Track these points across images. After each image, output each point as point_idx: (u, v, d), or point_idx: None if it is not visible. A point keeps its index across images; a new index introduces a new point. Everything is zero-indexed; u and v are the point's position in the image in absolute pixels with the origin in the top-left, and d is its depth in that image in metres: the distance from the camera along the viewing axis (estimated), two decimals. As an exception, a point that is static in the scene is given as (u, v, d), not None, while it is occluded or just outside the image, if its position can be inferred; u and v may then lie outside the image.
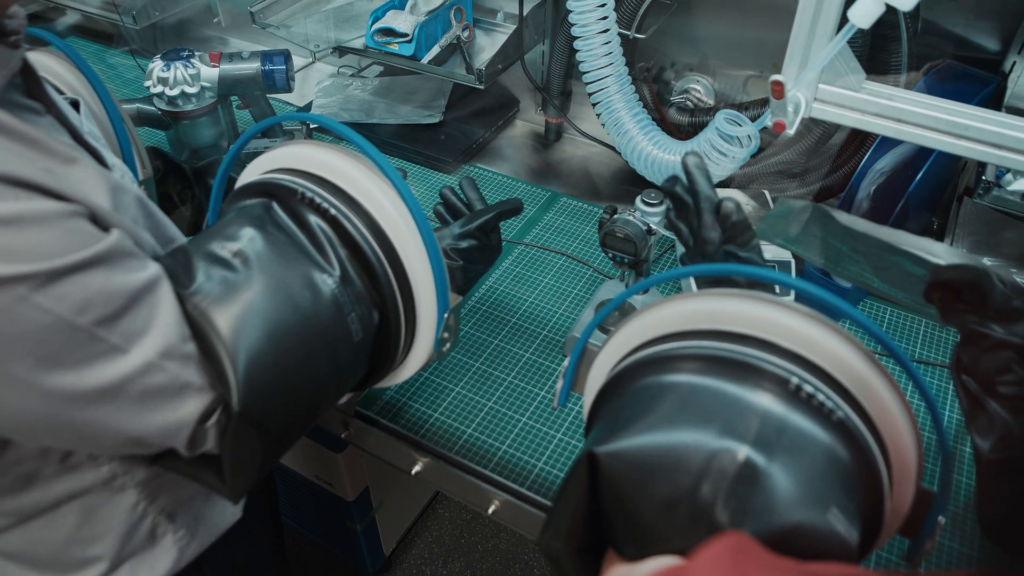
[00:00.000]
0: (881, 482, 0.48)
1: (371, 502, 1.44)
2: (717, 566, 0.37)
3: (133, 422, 0.51)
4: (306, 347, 0.57)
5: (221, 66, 1.20)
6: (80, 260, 0.47)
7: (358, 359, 0.63)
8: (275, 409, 0.56)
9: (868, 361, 0.48)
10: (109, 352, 0.49)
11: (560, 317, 1.08)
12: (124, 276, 0.50)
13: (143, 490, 0.65)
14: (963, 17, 1.05)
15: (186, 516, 0.70)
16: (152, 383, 0.51)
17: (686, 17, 1.22)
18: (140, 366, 0.50)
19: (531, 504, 0.86)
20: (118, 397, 0.50)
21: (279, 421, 0.57)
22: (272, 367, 0.55)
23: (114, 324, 0.49)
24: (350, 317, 0.60)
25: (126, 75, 1.64)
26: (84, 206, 0.50)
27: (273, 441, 0.58)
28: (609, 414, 0.52)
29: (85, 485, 0.62)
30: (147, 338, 0.50)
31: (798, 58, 0.78)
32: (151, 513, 0.67)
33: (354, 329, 0.60)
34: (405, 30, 1.20)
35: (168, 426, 0.53)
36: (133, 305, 0.50)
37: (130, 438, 0.53)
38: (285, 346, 0.55)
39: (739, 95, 1.25)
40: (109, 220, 0.52)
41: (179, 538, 0.69)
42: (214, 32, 1.72)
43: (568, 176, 1.38)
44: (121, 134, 0.77)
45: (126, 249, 0.51)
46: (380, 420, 0.94)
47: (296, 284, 0.57)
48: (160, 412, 0.52)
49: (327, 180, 0.63)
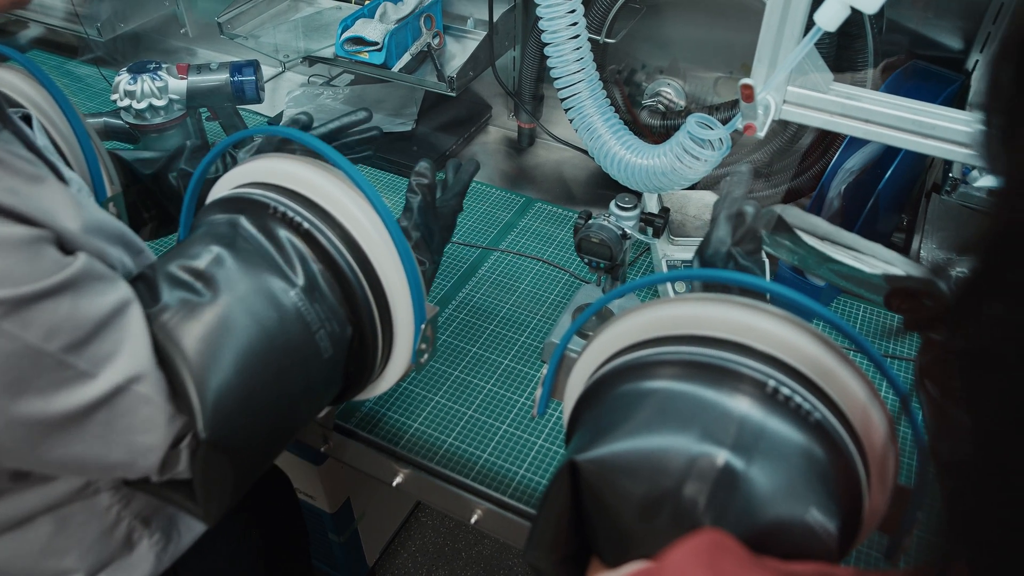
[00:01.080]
0: (859, 481, 0.48)
1: (353, 513, 1.43)
2: (692, 562, 0.37)
3: (101, 447, 0.51)
4: (274, 367, 0.56)
5: (189, 78, 1.19)
6: (46, 287, 0.47)
7: (330, 376, 0.62)
8: (245, 432, 0.55)
9: (842, 361, 0.48)
10: (77, 378, 0.48)
11: (538, 323, 1.08)
12: (91, 300, 0.49)
13: (117, 494, 0.64)
14: (926, 16, 1.07)
15: (162, 520, 0.69)
16: (120, 408, 0.50)
17: (655, 21, 1.22)
18: (108, 391, 0.49)
19: (514, 512, 0.86)
20: (86, 423, 0.49)
21: (250, 443, 0.56)
22: (239, 389, 0.54)
23: (82, 350, 0.48)
24: (318, 335, 0.59)
25: (91, 88, 1.61)
26: (50, 230, 0.49)
27: (245, 463, 0.57)
28: (589, 421, 0.52)
29: (58, 496, 0.61)
30: (116, 362, 0.50)
31: (766, 61, 0.79)
32: (126, 518, 0.66)
33: (323, 347, 0.59)
34: (375, 38, 1.19)
35: (137, 451, 0.52)
36: (101, 330, 0.49)
37: (98, 463, 0.52)
38: (252, 367, 0.54)
39: (709, 96, 1.26)
40: (76, 242, 0.51)
41: (155, 542, 0.68)
42: (181, 43, 1.70)
43: (542, 181, 1.38)
44: (87, 150, 0.76)
45: (94, 272, 0.51)
46: (359, 432, 0.93)
47: (262, 303, 0.56)
48: (129, 437, 0.51)
49: (299, 194, 0.62)
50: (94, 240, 0.53)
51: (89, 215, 0.54)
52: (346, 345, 0.62)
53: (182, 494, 0.56)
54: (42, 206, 0.49)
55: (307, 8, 1.42)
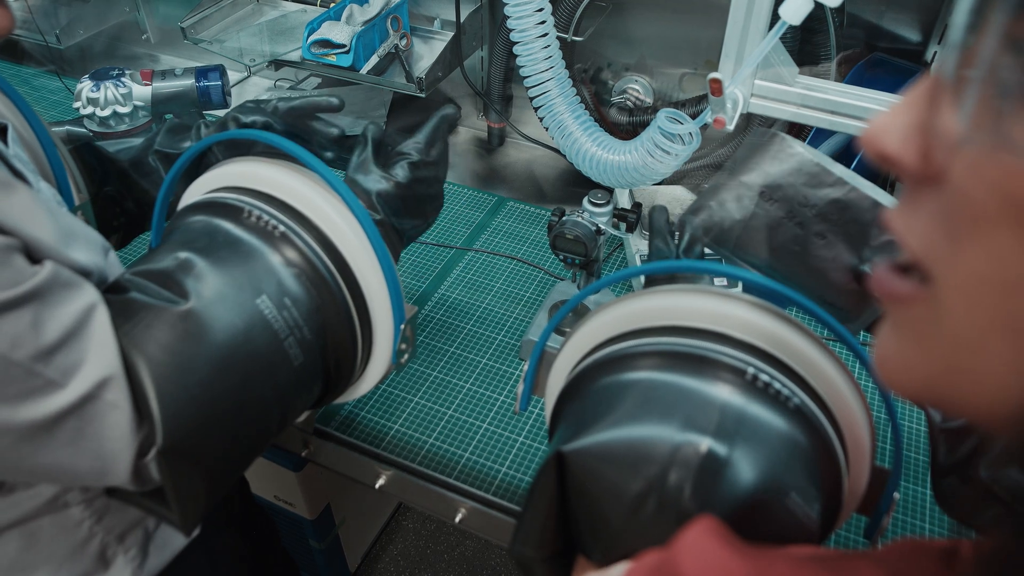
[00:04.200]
0: (839, 463, 0.49)
1: (333, 519, 1.42)
2: (708, 539, 0.38)
3: (71, 456, 0.50)
4: (238, 375, 0.55)
5: (154, 84, 1.17)
6: (12, 297, 0.46)
7: (302, 382, 0.61)
8: (209, 439, 0.54)
9: (818, 346, 0.49)
10: (45, 387, 0.48)
11: (514, 321, 1.08)
12: (58, 309, 0.49)
13: (88, 509, 0.63)
14: (880, 9, 1.09)
15: (138, 536, 0.68)
16: (89, 415, 0.49)
17: (621, 18, 1.24)
18: (77, 399, 0.49)
19: (498, 510, 0.86)
20: (55, 432, 0.49)
21: (216, 451, 0.55)
22: (200, 397, 0.53)
23: (49, 359, 0.48)
24: (287, 342, 0.58)
25: (51, 96, 1.58)
26: (18, 239, 0.49)
27: (213, 471, 0.56)
28: (571, 416, 0.52)
29: (25, 510, 0.60)
30: (83, 370, 0.49)
31: (733, 55, 0.80)
32: (98, 533, 0.65)
33: (292, 354, 0.58)
34: (342, 41, 1.19)
35: (106, 458, 0.51)
36: (69, 338, 0.49)
37: (68, 472, 0.51)
38: (215, 374, 0.54)
39: (676, 92, 1.27)
40: (45, 251, 0.50)
41: (131, 559, 0.67)
42: (144, 49, 1.67)
43: (514, 180, 1.39)
44: (53, 158, 0.75)
45: (60, 280, 0.50)
46: (340, 435, 0.93)
47: (228, 310, 0.56)
48: (98, 444, 0.50)
49: (274, 196, 0.61)
50: (65, 248, 0.53)
51: (60, 222, 0.53)
52: (320, 351, 0.61)
53: (161, 503, 0.56)
54: (11, 214, 0.48)
55: (272, 12, 1.40)
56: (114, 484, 0.54)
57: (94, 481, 0.53)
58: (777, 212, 0.67)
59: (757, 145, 0.68)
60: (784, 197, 0.67)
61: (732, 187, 0.69)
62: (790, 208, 0.67)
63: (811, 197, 0.66)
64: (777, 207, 0.67)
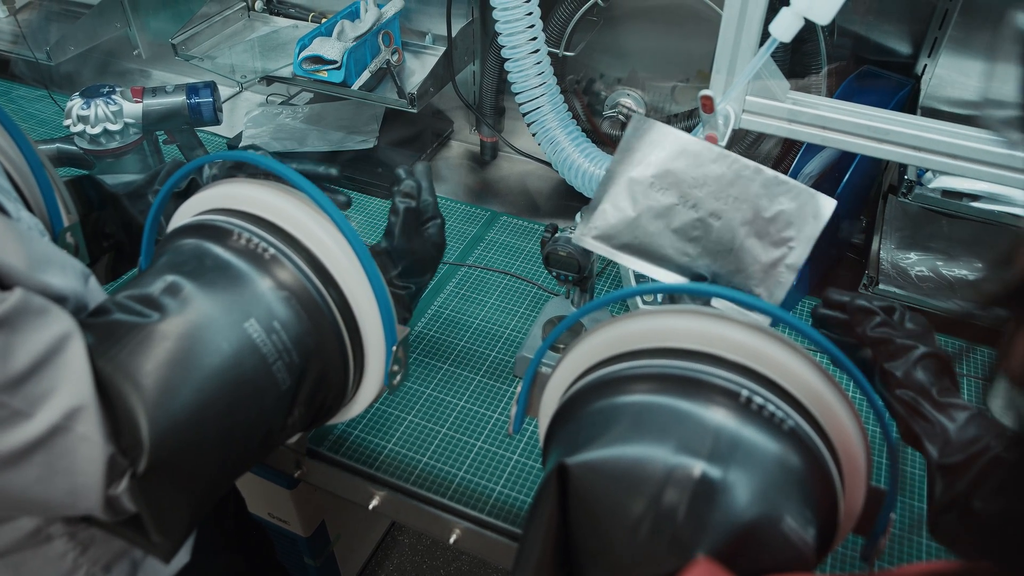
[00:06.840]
0: (834, 485, 0.49)
1: (328, 536, 1.41)
2: None
3: (40, 487, 0.49)
4: (225, 399, 0.54)
5: (145, 101, 1.17)
6: None
7: (290, 407, 0.61)
8: (193, 463, 0.53)
9: (811, 366, 0.49)
10: (12, 417, 0.47)
11: (508, 337, 1.08)
12: (27, 337, 0.48)
13: (72, 541, 0.62)
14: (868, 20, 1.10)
15: (125, 567, 0.67)
16: (59, 448, 0.48)
17: (612, 32, 1.24)
18: (45, 431, 0.47)
19: (493, 530, 0.86)
20: (22, 463, 0.47)
21: (200, 475, 0.55)
22: (186, 422, 0.52)
23: (16, 388, 0.47)
24: (275, 366, 0.57)
25: (41, 114, 1.58)
26: None
27: (196, 495, 0.55)
28: (565, 438, 0.52)
29: (7, 543, 0.59)
30: (52, 400, 0.48)
31: (724, 72, 0.80)
32: (83, 565, 0.63)
33: (280, 378, 0.58)
34: (333, 57, 1.19)
35: (77, 491, 0.50)
36: (38, 367, 0.48)
37: (37, 503, 0.50)
38: (202, 399, 0.53)
39: (668, 104, 1.27)
40: (15, 278, 0.49)
41: None
42: (135, 65, 1.67)
43: (507, 194, 1.39)
44: (41, 179, 0.74)
45: (31, 308, 0.49)
46: (333, 456, 0.92)
47: (216, 334, 0.55)
48: (68, 477, 0.49)
49: (264, 219, 0.61)
50: (38, 273, 0.52)
51: (34, 248, 0.53)
52: (309, 375, 0.60)
53: (138, 531, 0.55)
54: None
55: (263, 28, 1.40)
56: (86, 514, 0.53)
57: (66, 512, 0.52)
58: (670, 199, 0.66)
59: (633, 136, 0.67)
60: (675, 183, 0.66)
61: (622, 185, 0.68)
62: (681, 192, 0.66)
63: (698, 177, 0.66)
64: (669, 195, 0.66)
